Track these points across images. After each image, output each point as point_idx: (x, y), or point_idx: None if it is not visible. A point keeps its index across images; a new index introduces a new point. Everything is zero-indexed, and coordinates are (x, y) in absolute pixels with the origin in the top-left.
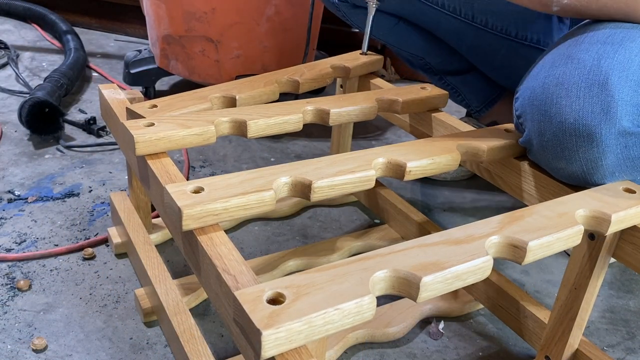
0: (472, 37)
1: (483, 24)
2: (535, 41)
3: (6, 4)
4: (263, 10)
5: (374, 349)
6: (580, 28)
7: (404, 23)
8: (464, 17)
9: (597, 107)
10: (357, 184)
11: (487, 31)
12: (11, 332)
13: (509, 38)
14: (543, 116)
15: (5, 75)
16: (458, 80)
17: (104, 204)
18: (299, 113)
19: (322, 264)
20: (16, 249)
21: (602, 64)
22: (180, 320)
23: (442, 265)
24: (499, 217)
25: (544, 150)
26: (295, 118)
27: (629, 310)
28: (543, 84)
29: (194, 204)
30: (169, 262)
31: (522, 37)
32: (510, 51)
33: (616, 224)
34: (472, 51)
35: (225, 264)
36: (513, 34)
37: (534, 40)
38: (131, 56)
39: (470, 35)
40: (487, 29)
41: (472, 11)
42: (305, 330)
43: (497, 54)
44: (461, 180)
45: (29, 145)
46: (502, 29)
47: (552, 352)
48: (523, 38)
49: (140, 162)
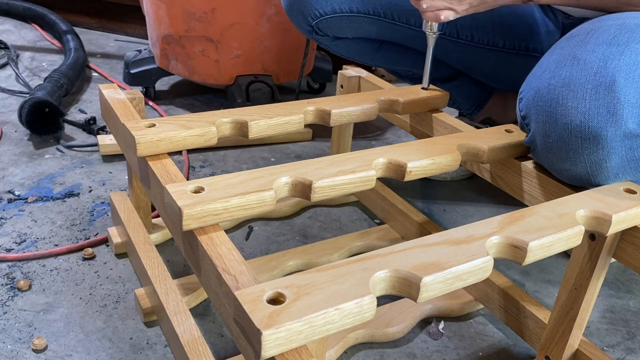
0: (459, 52)
1: (469, 39)
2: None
3: (6, 4)
4: (263, 10)
5: (374, 349)
6: (582, 29)
7: (385, 45)
8: (448, 36)
9: (603, 109)
10: (357, 184)
11: (473, 46)
12: (11, 332)
13: (497, 49)
14: (548, 117)
15: (5, 75)
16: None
17: (104, 204)
18: (300, 113)
19: (322, 264)
20: (16, 249)
21: (609, 65)
22: (180, 320)
23: (443, 266)
24: (500, 218)
25: (548, 152)
26: (296, 119)
27: (629, 310)
28: (548, 85)
29: (194, 204)
30: (169, 262)
31: (510, 46)
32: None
33: (617, 225)
34: (460, 63)
35: (226, 264)
36: (500, 44)
37: (522, 47)
38: (131, 56)
39: (457, 51)
40: (473, 43)
41: (457, 29)
42: (306, 330)
43: (486, 64)
44: (461, 180)
45: (29, 145)
46: (488, 41)
47: (552, 352)
48: (511, 47)
49: (141, 163)
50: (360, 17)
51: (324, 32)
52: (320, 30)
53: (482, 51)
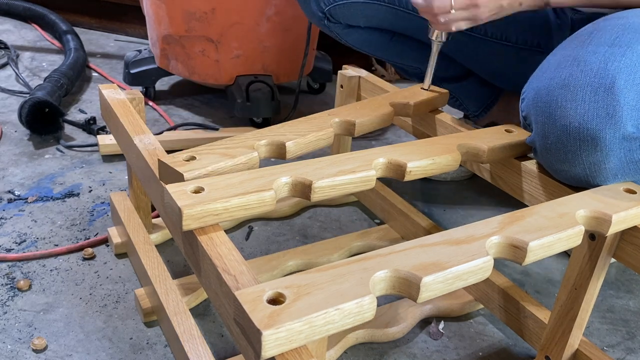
0: (471, 47)
1: (482, 33)
2: (536, 44)
3: (6, 4)
4: (263, 10)
5: (374, 349)
6: (586, 30)
7: (398, 37)
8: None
9: (602, 112)
10: (357, 184)
11: (486, 40)
12: (11, 332)
13: (509, 44)
14: (547, 118)
15: (5, 75)
16: (455, 86)
17: (104, 204)
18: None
19: (322, 264)
20: (16, 249)
21: (609, 67)
22: (180, 320)
23: (443, 266)
24: (500, 218)
25: (547, 153)
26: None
27: (629, 310)
28: (548, 86)
29: (194, 204)
30: (169, 262)
31: (522, 42)
32: (510, 57)
33: (617, 225)
34: (471, 60)
35: (226, 264)
36: (513, 40)
37: (535, 44)
38: (131, 56)
39: (469, 46)
40: (486, 38)
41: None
42: (306, 330)
43: (496, 61)
44: (461, 180)
45: (29, 145)
46: (501, 36)
47: (552, 352)
48: (523, 43)
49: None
50: (374, 4)
51: (336, 20)
52: (333, 17)
53: (495, 46)
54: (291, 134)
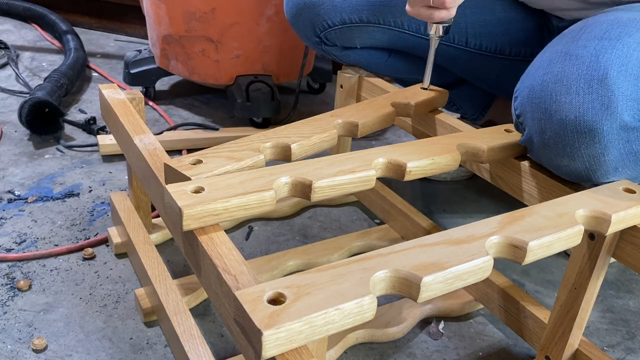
0: (467, 60)
1: (477, 47)
2: (530, 54)
3: (6, 4)
4: (263, 10)
5: (374, 349)
6: (574, 27)
7: (395, 54)
8: (457, 44)
9: (597, 103)
10: (357, 184)
11: (481, 54)
12: (11, 332)
13: (503, 57)
14: (543, 114)
15: (5, 75)
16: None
17: (104, 204)
18: (332, 129)
19: (322, 264)
20: (16, 249)
21: (601, 59)
22: (180, 320)
23: (443, 266)
24: (499, 217)
25: (545, 149)
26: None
27: (629, 310)
28: (542, 82)
29: (194, 204)
30: (169, 262)
31: (516, 53)
32: (505, 67)
33: (616, 224)
34: (466, 71)
35: (226, 264)
36: (507, 52)
37: (529, 54)
38: (131, 56)
39: (464, 59)
40: (481, 51)
41: (466, 37)
42: (306, 330)
43: (492, 72)
44: (461, 180)
45: (29, 145)
46: (496, 49)
47: (552, 352)
48: (517, 54)
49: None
50: (369, 26)
51: (332, 43)
52: (329, 41)
53: (489, 59)
54: (295, 136)
